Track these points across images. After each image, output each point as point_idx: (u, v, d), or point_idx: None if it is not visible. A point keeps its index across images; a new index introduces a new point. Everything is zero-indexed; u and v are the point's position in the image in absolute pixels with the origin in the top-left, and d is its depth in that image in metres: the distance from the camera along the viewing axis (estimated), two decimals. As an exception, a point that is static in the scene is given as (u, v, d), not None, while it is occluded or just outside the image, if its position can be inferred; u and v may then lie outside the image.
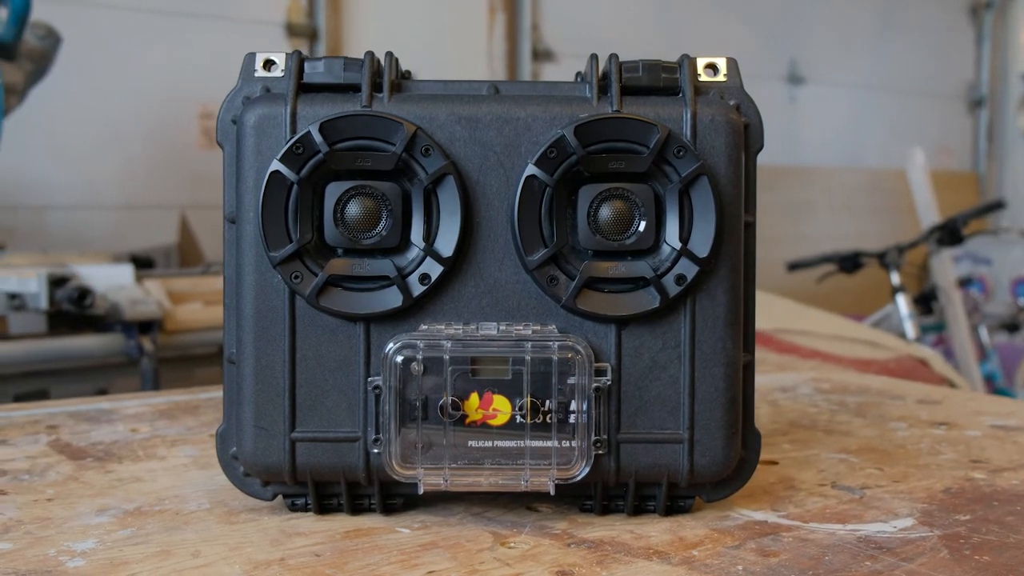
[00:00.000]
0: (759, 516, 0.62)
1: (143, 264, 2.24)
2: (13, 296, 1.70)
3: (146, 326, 1.86)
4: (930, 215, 3.06)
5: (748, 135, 0.60)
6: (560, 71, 3.76)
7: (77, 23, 2.57)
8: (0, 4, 1.88)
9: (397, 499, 0.62)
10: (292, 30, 3.15)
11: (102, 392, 2.06)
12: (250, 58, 0.61)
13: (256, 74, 0.60)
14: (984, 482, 0.69)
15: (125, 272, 1.93)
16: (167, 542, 0.56)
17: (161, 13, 2.82)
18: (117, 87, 2.75)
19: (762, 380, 1.11)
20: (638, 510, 0.61)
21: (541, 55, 3.74)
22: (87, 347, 1.97)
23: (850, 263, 2.91)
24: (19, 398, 2.02)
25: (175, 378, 2.04)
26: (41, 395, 2.03)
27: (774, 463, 0.75)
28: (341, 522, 0.60)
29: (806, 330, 1.98)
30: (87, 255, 2.03)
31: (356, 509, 0.61)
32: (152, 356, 1.85)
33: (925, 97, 4.99)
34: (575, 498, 0.62)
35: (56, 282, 1.63)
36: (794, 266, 2.97)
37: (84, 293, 1.58)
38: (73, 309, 1.60)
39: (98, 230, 2.79)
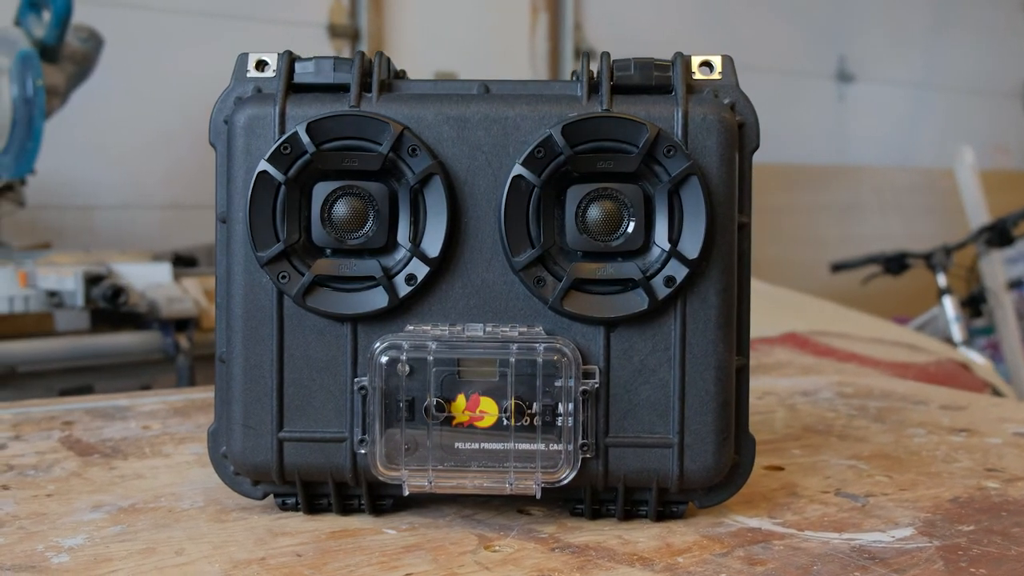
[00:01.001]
0: (754, 523, 0.60)
1: (186, 263, 2.28)
2: (52, 294, 1.74)
3: (183, 323, 1.89)
4: (979, 215, 2.99)
5: (743, 134, 0.59)
6: (603, 70, 3.74)
7: (123, 25, 2.62)
8: (43, 7, 1.92)
9: (386, 500, 0.61)
10: (334, 31, 3.17)
11: (145, 388, 2.10)
12: (243, 58, 0.61)
13: (248, 74, 0.61)
14: (995, 492, 0.67)
15: (163, 270, 1.96)
16: (153, 539, 0.56)
17: (204, 15, 2.86)
18: (162, 89, 2.80)
19: (784, 384, 1.09)
20: (630, 515, 0.61)
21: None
22: (126, 344, 2.01)
23: (896, 264, 2.85)
24: (64, 392, 2.07)
25: (212, 375, 2.07)
26: (86, 390, 2.07)
27: (779, 469, 0.73)
28: (329, 522, 0.60)
29: (844, 332, 1.94)
30: (128, 254, 2.07)
31: (345, 509, 0.61)
32: (188, 353, 1.88)
33: (980, 95, 4.88)
34: (567, 502, 0.62)
35: (92, 280, 1.66)
36: (838, 267, 2.92)
37: (118, 291, 1.61)
38: (107, 306, 1.63)
39: (144, 229, 2.84)
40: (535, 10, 3.63)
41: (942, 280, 2.77)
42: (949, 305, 2.75)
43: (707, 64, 0.60)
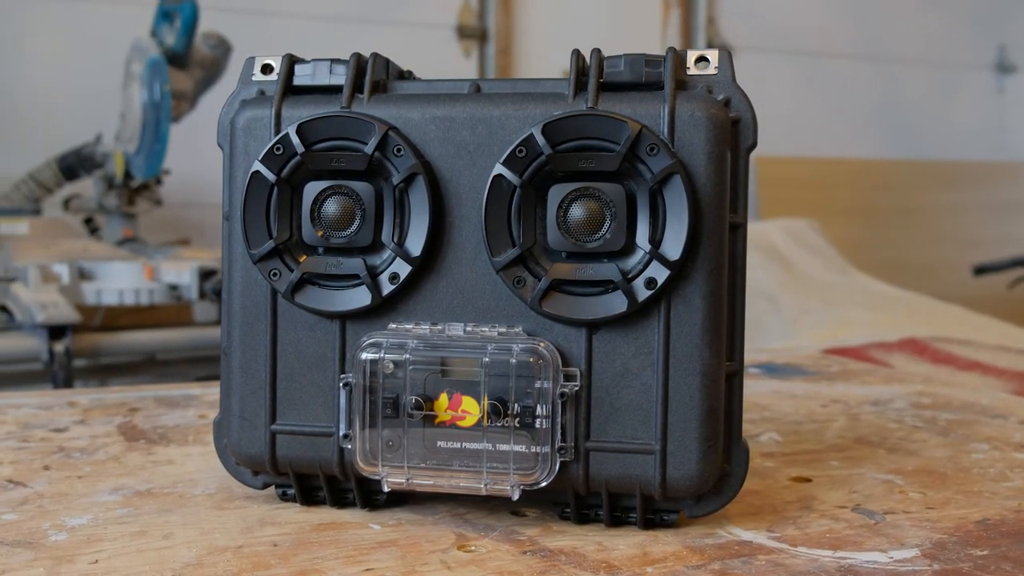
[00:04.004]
0: (748, 536, 0.58)
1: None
2: (173, 287, 1.84)
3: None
4: None
5: (738, 131, 0.57)
6: (736, 66, 3.64)
7: (257, 32, 2.74)
8: (174, 16, 2.03)
9: (380, 495, 0.62)
10: (463, 32, 3.22)
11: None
12: (249, 62, 0.63)
13: (254, 78, 0.63)
14: (1034, 515, 0.62)
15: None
16: (151, 523, 0.59)
17: (332, 20, 2.96)
18: (296, 91, 2.91)
19: (857, 392, 1.04)
20: (619, 521, 0.59)
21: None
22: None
23: (1045, 267, 2.66)
24: (201, 379, 2.19)
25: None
26: (218, 378, 2.19)
27: (806, 480, 0.70)
28: (321, 514, 0.61)
29: (968, 339, 1.82)
30: (250, 250, 2.16)
31: (341, 503, 0.62)
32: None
33: None
34: (556, 505, 0.61)
35: (206, 275, 1.74)
36: (981, 270, 2.75)
37: (226, 285, 1.69)
38: (216, 300, 1.71)
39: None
40: (667, 6, 3.58)
41: (1097, 285, 2.57)
42: (1105, 312, 2.54)
43: (704, 59, 0.58)
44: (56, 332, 1.73)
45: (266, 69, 0.63)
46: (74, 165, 2.33)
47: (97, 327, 2.18)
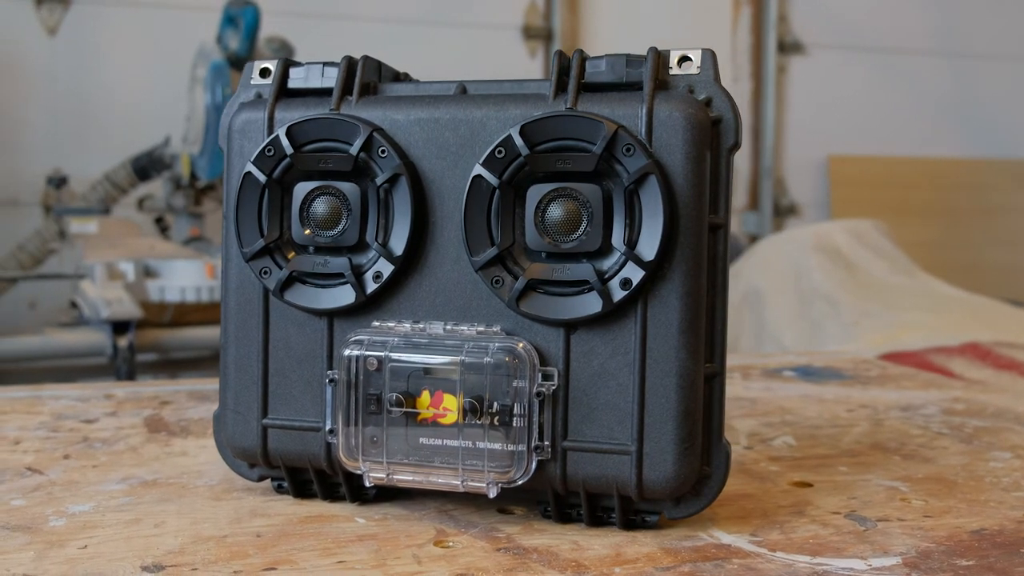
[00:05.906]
0: (728, 539, 0.57)
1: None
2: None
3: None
4: None
5: (719, 132, 0.56)
6: (809, 64, 3.58)
7: (325, 35, 2.79)
8: (238, 21, 2.08)
9: (370, 489, 0.63)
10: (528, 33, 3.23)
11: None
12: (249, 67, 0.65)
13: (252, 81, 0.64)
14: (1036, 526, 0.60)
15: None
16: (147, 512, 0.61)
17: (397, 22, 3.00)
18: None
19: (890, 396, 1.02)
20: (600, 521, 0.59)
21: (789, 47, 3.58)
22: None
23: None
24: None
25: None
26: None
27: (807, 485, 0.69)
28: (310, 507, 0.63)
29: (1033, 345, 1.76)
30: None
31: (332, 496, 0.64)
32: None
33: None
34: (539, 503, 0.61)
35: (260, 273, 1.79)
36: (1060, 273, 2.64)
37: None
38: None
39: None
40: (737, 4, 3.53)
41: None
42: None
43: (686, 59, 0.58)
44: (120, 327, 1.79)
45: (264, 73, 0.64)
46: (146, 166, 2.42)
47: (167, 323, 2.26)
